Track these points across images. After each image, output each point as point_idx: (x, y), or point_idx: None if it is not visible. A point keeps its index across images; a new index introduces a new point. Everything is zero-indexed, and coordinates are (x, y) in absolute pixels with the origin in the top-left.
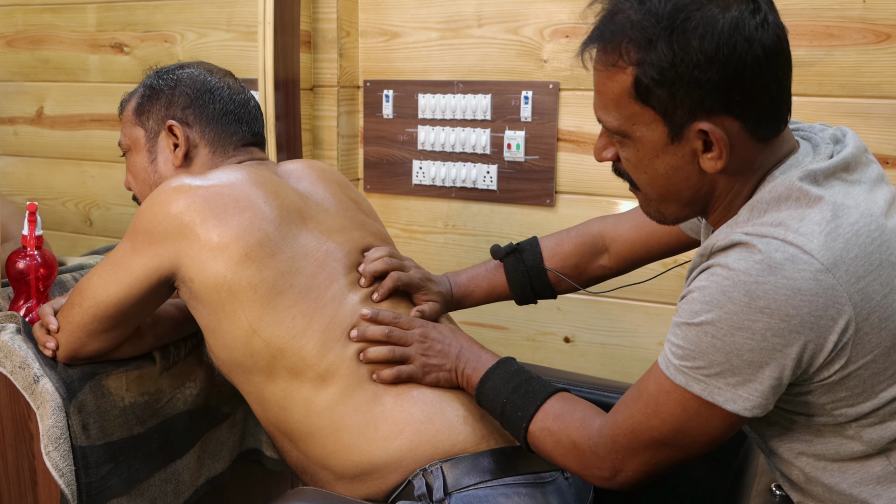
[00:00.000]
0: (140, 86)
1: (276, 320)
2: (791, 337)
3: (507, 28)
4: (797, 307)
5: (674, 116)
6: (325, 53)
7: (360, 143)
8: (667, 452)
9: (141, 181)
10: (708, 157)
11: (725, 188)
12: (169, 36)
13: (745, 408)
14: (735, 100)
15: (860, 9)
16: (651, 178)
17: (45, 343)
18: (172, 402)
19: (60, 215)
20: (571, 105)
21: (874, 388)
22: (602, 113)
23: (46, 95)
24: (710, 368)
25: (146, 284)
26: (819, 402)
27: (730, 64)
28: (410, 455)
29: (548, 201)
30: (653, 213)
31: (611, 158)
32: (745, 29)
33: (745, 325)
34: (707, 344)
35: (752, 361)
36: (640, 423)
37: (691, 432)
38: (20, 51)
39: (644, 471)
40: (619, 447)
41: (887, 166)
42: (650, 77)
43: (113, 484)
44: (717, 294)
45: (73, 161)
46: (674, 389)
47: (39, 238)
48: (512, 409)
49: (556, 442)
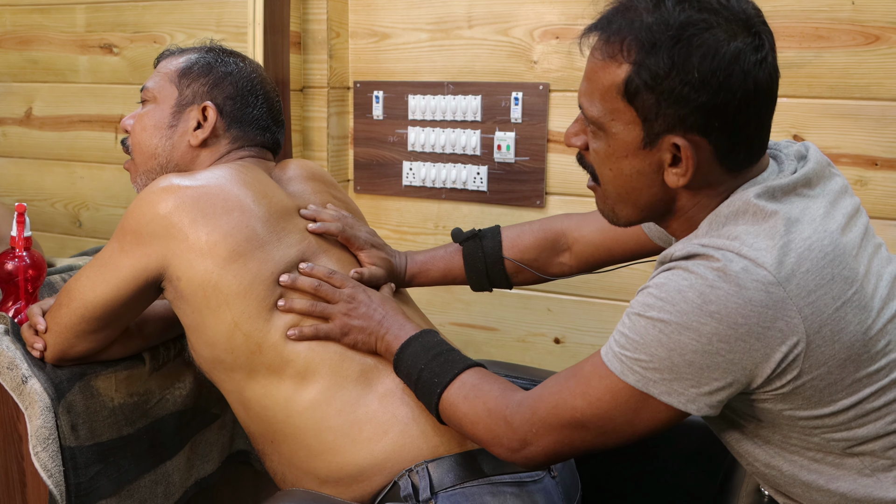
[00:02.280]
0: (194, 50)
1: (255, 311)
2: (736, 345)
3: (498, 29)
4: (746, 317)
5: (653, 124)
6: (315, 54)
7: (351, 145)
8: (583, 435)
9: (148, 136)
10: (673, 171)
11: (689, 202)
12: (158, 37)
13: (680, 402)
14: (714, 125)
15: (849, 10)
16: (614, 176)
17: (33, 344)
18: (162, 402)
19: (49, 216)
20: (561, 106)
21: (832, 398)
22: (585, 100)
23: (35, 96)
24: (649, 363)
25: (134, 285)
26: (776, 408)
27: (721, 90)
28: (395, 456)
29: (538, 202)
30: (607, 212)
31: (579, 146)
32: (745, 62)
33: (693, 327)
34: (653, 338)
35: (692, 362)
36: (564, 401)
37: (616, 420)
38: (9, 51)
39: (554, 449)
40: (536, 420)
41: (876, 167)
42: (643, 80)
43: (102, 485)
44: (672, 292)
45: (62, 162)
46: (608, 375)
47: (28, 239)
48: (429, 376)
49: (469, 409)
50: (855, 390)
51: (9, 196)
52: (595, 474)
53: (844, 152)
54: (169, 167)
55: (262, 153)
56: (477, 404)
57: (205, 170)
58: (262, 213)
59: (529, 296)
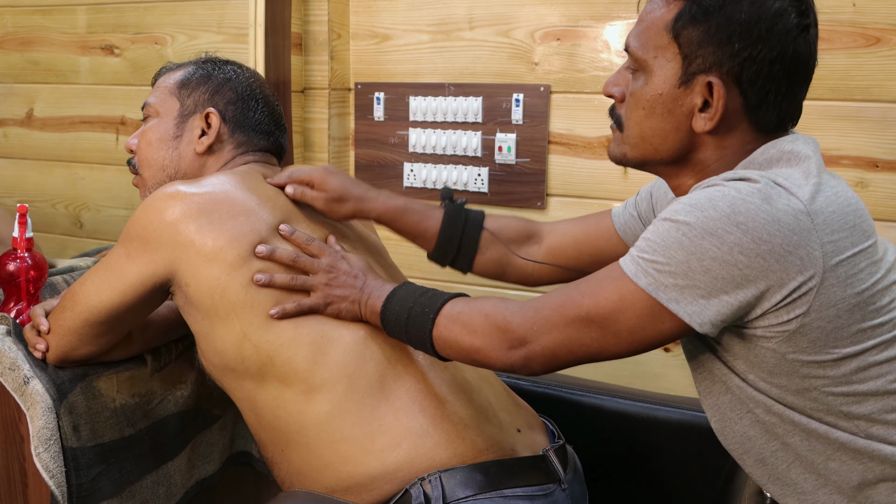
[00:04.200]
0: (191, 64)
1: (264, 324)
2: (756, 261)
3: (499, 31)
4: (772, 235)
5: (692, 61)
6: (316, 56)
7: (352, 146)
8: (584, 336)
9: (154, 150)
10: (701, 115)
11: (711, 155)
12: (159, 38)
13: (686, 313)
14: (747, 75)
15: (850, 12)
16: (645, 115)
17: (36, 345)
18: (163, 403)
19: (51, 217)
20: (562, 108)
21: (836, 344)
22: (633, 39)
23: (36, 97)
24: (665, 265)
25: (140, 291)
26: (781, 350)
27: (759, 41)
28: (407, 466)
29: (538, 204)
30: (617, 153)
31: (617, 95)
32: (787, 22)
33: (718, 234)
34: (674, 240)
35: (709, 269)
36: (572, 300)
37: (619, 323)
38: (10, 52)
39: (553, 350)
40: (538, 318)
41: (877, 169)
42: (693, 13)
43: (104, 485)
44: (703, 200)
45: (63, 163)
46: (620, 276)
47: (30, 240)
48: (418, 310)
49: (465, 320)
50: (859, 340)
51: (10, 197)
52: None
53: (845, 154)
54: (177, 177)
55: (266, 158)
56: (473, 315)
57: (210, 176)
58: (267, 218)
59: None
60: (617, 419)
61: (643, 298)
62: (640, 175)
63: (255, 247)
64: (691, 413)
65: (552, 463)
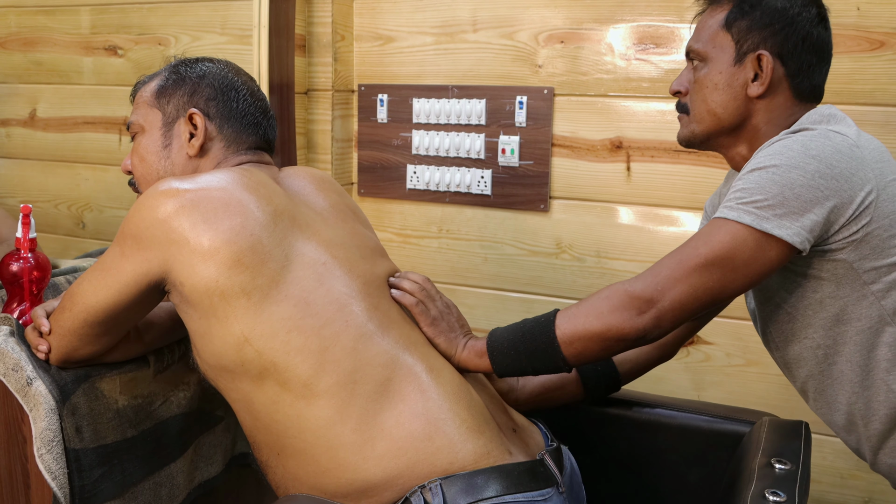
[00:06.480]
0: (163, 70)
1: (269, 332)
2: (832, 182)
3: (503, 33)
4: (839, 160)
5: (743, 44)
6: (320, 57)
7: (355, 148)
8: (707, 279)
9: (149, 164)
10: (754, 84)
11: (762, 118)
12: (163, 39)
13: (788, 234)
14: (786, 49)
15: (854, 16)
16: (710, 92)
17: (38, 346)
18: (166, 405)
19: (53, 218)
20: (566, 110)
21: (890, 250)
22: (694, 42)
23: (40, 98)
24: (764, 200)
25: (135, 289)
26: (850, 259)
27: (790, 24)
28: (408, 473)
29: (542, 206)
30: (686, 133)
31: (682, 90)
32: (809, 12)
33: (800, 166)
34: (767, 180)
35: (800, 195)
36: (687, 254)
37: (737, 257)
38: (13, 53)
39: (681, 301)
40: (660, 278)
41: None
42: (742, 8)
43: (106, 487)
44: (780, 148)
45: (66, 163)
46: (725, 223)
47: (33, 241)
48: (532, 324)
49: (586, 307)
50: None
51: (13, 197)
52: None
53: None
54: None
55: (259, 157)
56: (592, 303)
57: (206, 173)
58: (264, 219)
59: (532, 300)
60: (618, 422)
61: (752, 234)
62: (643, 178)
63: (254, 248)
64: (693, 416)
65: (549, 466)
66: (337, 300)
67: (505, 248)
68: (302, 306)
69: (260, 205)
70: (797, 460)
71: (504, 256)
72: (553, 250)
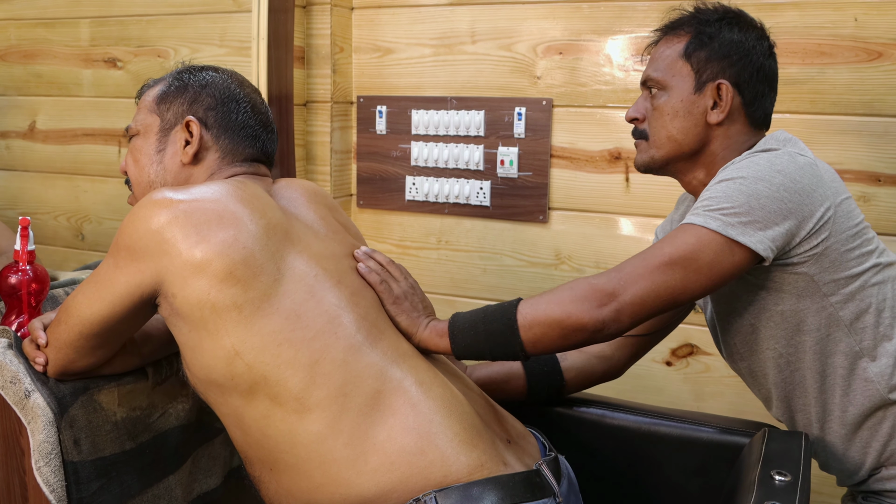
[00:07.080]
0: (168, 76)
1: (260, 345)
2: (795, 196)
3: (501, 45)
4: (802, 177)
5: (702, 74)
6: (319, 69)
7: (354, 159)
8: (671, 276)
9: (141, 167)
10: (713, 111)
11: (720, 145)
12: (162, 51)
13: (752, 241)
14: (741, 79)
15: (852, 27)
16: (670, 119)
17: (35, 358)
18: (164, 417)
19: (52, 230)
20: (564, 121)
21: (847, 264)
22: (652, 71)
23: (39, 110)
24: (731, 209)
25: (129, 301)
26: (810, 272)
27: (746, 55)
28: (402, 487)
29: (541, 217)
30: (644, 158)
31: (639, 117)
32: (761, 45)
33: (767, 179)
34: (734, 190)
35: (765, 206)
36: (652, 253)
37: (700, 258)
38: (13, 65)
39: (642, 297)
40: (623, 273)
41: (879, 183)
42: (700, 39)
43: (104, 500)
44: (746, 163)
45: (65, 175)
46: (692, 227)
47: (32, 253)
48: (493, 308)
49: (549, 297)
50: (861, 262)
51: (12, 209)
52: (601, 499)
53: (847, 168)
54: None
55: (255, 168)
56: (556, 292)
57: (200, 185)
58: (257, 232)
59: None
60: (618, 433)
61: (717, 238)
62: (642, 189)
63: (248, 266)
64: (693, 427)
65: (546, 477)
66: (327, 312)
67: (504, 259)
68: (293, 319)
69: (253, 217)
70: (797, 472)
71: (503, 267)
72: (552, 261)
